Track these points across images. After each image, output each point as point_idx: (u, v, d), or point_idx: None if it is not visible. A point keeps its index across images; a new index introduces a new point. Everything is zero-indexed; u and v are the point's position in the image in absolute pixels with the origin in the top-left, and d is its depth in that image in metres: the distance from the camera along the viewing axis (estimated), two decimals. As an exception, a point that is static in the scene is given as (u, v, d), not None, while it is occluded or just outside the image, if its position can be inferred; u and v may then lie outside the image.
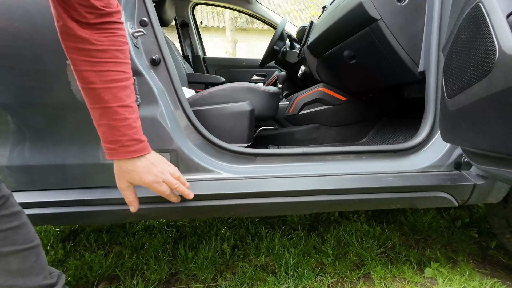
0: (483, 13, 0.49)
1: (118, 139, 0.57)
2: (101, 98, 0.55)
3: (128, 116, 0.57)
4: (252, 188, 0.76)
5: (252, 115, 1.02)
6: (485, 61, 0.46)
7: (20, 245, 0.50)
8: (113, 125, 0.56)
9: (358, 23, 0.99)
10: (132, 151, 0.58)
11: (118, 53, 0.56)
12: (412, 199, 0.79)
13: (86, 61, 0.53)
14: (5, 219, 0.49)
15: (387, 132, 1.44)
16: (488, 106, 0.45)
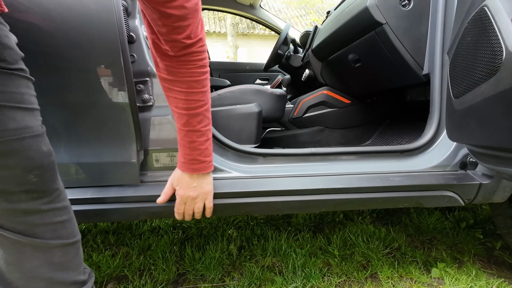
0: (489, 16, 0.52)
1: (185, 156, 0.68)
2: (178, 120, 0.66)
3: (195, 140, 0.66)
4: (262, 186, 0.78)
5: (260, 117, 1.04)
6: (492, 61, 0.48)
7: (65, 239, 0.52)
8: (183, 144, 0.67)
9: (364, 27, 1.02)
10: (192, 169, 0.69)
11: (195, 84, 0.62)
12: (419, 198, 0.81)
13: (167, 88, 0.64)
14: (57, 212, 0.51)
15: (391, 135, 1.46)
16: (496, 103, 0.47)
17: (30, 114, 0.48)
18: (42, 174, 0.48)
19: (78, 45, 0.67)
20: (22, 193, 0.46)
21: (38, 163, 0.48)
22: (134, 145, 0.74)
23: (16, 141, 0.45)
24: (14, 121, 0.44)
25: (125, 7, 0.75)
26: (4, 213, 0.46)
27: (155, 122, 0.79)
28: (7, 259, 0.49)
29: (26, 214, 0.47)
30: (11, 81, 0.45)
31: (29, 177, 0.46)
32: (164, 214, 0.77)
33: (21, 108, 0.46)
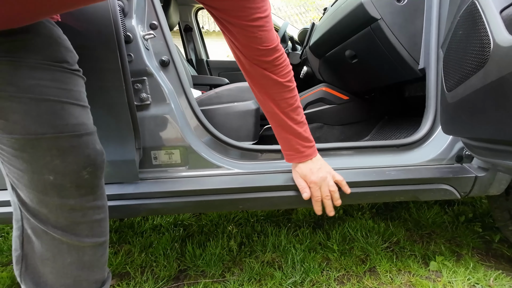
0: (478, 9, 0.52)
1: (294, 148, 0.73)
2: (280, 120, 0.70)
3: (299, 130, 0.72)
4: (260, 182, 0.79)
5: (258, 114, 1.05)
6: (481, 54, 0.48)
7: (98, 238, 0.54)
8: (289, 138, 0.72)
9: (359, 23, 1.03)
10: (305, 156, 0.74)
11: (289, 83, 0.68)
12: (415, 191, 0.81)
13: (265, 93, 0.69)
14: (96, 211, 0.53)
15: (389, 130, 1.46)
16: (484, 95, 0.47)
17: (85, 112, 0.51)
18: (94, 171, 0.51)
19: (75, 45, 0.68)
20: (73, 189, 0.49)
21: (92, 160, 0.50)
22: (133, 143, 0.76)
23: (75, 137, 0.47)
24: (73, 117, 0.47)
25: (122, 7, 0.77)
26: (54, 207, 0.48)
27: (153, 121, 0.80)
28: (44, 254, 0.51)
29: (72, 211, 0.50)
30: (71, 79, 0.49)
31: (82, 174, 0.49)
32: (164, 210, 0.78)
33: (79, 105, 0.49)
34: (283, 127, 0.71)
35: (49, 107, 0.45)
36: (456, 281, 0.92)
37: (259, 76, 0.66)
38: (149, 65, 0.80)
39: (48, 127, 0.45)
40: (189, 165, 0.82)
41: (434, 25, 0.91)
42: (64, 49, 0.50)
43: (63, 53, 0.49)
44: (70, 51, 0.52)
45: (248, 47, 0.62)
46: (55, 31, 0.50)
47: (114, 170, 0.77)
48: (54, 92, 0.45)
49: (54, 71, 0.46)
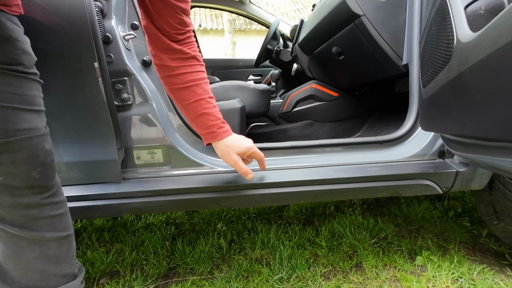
0: (448, 5, 0.52)
1: (213, 124, 0.71)
2: (195, 93, 0.69)
3: (215, 104, 0.72)
4: (242, 180, 0.80)
5: (243, 112, 1.06)
6: (447, 50, 0.48)
7: (60, 232, 0.55)
8: (208, 112, 0.70)
9: (343, 20, 1.02)
10: (227, 130, 0.72)
11: (199, 58, 0.71)
12: (397, 187, 0.82)
13: (182, 66, 0.68)
14: (54, 206, 0.54)
15: (380, 126, 1.46)
16: (448, 91, 0.48)
17: (38, 116, 0.52)
18: (44, 170, 0.52)
19: (53, 46, 0.69)
20: (25, 188, 0.50)
21: (41, 160, 0.51)
22: (114, 143, 0.76)
23: (26, 140, 0.49)
24: (25, 122, 0.49)
25: (100, 8, 0.77)
26: (6, 207, 0.50)
27: (135, 121, 0.81)
28: (5, 251, 0.52)
29: (27, 208, 0.51)
30: (26, 84, 0.50)
31: (32, 174, 0.50)
32: (146, 209, 0.79)
33: (32, 110, 0.50)
34: (202, 104, 0.69)
35: (1, 113, 0.46)
36: (440, 275, 0.92)
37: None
38: (130, 65, 0.80)
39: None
40: (171, 164, 0.83)
41: (416, 20, 0.91)
42: (22, 51, 0.50)
43: (20, 56, 0.49)
44: (27, 53, 0.52)
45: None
46: (14, 32, 0.50)
47: (96, 170, 0.78)
48: (8, 98, 0.47)
49: (10, 76, 0.47)
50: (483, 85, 0.38)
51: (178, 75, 0.68)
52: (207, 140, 0.72)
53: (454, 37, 0.46)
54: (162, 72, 0.70)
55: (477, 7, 0.45)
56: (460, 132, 0.48)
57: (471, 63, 0.39)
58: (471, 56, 0.39)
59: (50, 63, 0.70)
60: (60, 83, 0.72)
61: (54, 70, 0.71)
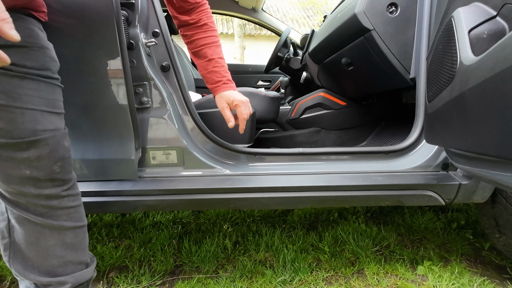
0: (453, 27, 0.56)
1: (220, 79, 0.83)
2: (207, 54, 0.82)
3: (224, 64, 0.84)
4: (250, 183, 0.83)
5: (254, 118, 1.10)
6: (451, 70, 0.52)
7: (77, 222, 0.61)
8: (215, 71, 0.83)
9: (353, 33, 1.06)
10: (231, 86, 0.84)
11: (211, 24, 0.83)
12: (400, 196, 0.85)
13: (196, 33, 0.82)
14: (71, 198, 0.60)
15: (386, 136, 1.49)
16: (451, 108, 0.51)
17: (60, 118, 0.59)
18: (64, 165, 0.58)
19: (82, 51, 0.74)
20: (47, 181, 0.56)
21: (61, 155, 0.58)
22: (132, 143, 0.81)
23: (50, 138, 0.55)
24: (50, 123, 0.55)
25: (126, 16, 0.82)
26: (31, 197, 0.56)
27: (152, 123, 0.86)
28: (28, 239, 0.58)
29: (48, 199, 0.57)
30: (52, 89, 0.57)
31: (54, 168, 0.56)
32: (159, 207, 0.83)
33: (55, 113, 0.57)
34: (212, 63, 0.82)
35: (32, 115, 0.52)
36: (440, 285, 0.94)
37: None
38: (150, 70, 0.85)
39: (29, 133, 0.52)
40: (184, 165, 0.87)
41: (424, 36, 0.94)
42: (50, 58, 0.56)
43: (48, 63, 0.56)
44: (54, 60, 0.58)
45: None
46: (44, 40, 0.56)
47: (114, 168, 0.82)
48: (37, 102, 0.53)
49: (39, 81, 0.53)
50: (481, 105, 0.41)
51: (193, 40, 0.83)
52: (213, 92, 0.86)
53: (458, 59, 0.49)
54: (185, 39, 0.86)
55: (480, 31, 0.49)
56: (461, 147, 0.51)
57: (471, 84, 0.42)
58: (471, 78, 0.42)
59: (77, 67, 0.75)
60: (85, 85, 0.77)
61: (81, 73, 0.77)
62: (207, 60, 0.82)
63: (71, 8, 0.72)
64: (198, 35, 0.82)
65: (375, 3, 0.97)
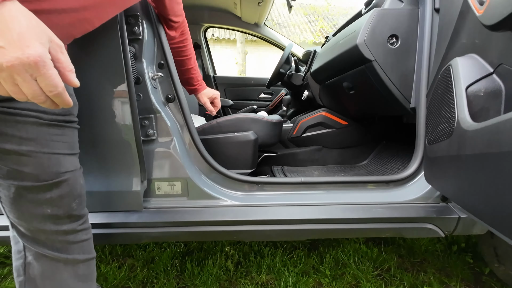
0: (451, 77, 0.58)
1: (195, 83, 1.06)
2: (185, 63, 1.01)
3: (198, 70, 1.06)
4: (253, 215, 0.85)
5: (256, 144, 1.11)
6: (449, 123, 0.53)
7: (88, 255, 0.64)
8: (193, 77, 1.04)
9: (354, 62, 1.08)
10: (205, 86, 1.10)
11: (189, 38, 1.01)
12: (400, 229, 0.86)
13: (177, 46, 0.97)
14: (84, 232, 0.63)
15: (386, 156, 1.50)
16: (449, 164, 0.52)
17: (76, 157, 0.62)
18: (80, 202, 0.62)
19: (91, 87, 0.77)
20: (66, 217, 0.59)
21: (79, 193, 0.61)
22: (138, 176, 0.83)
23: (70, 178, 0.58)
24: (70, 164, 0.59)
25: (133, 52, 0.85)
26: (49, 234, 0.58)
27: (157, 154, 0.88)
28: (43, 273, 0.61)
29: (66, 234, 0.60)
30: (72, 132, 0.60)
31: (72, 205, 0.60)
32: (164, 238, 0.85)
33: (74, 154, 0.61)
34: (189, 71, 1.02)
35: (56, 159, 0.55)
36: (440, 314, 0.95)
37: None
38: (155, 103, 0.87)
39: (53, 175, 0.55)
40: (189, 196, 0.89)
41: (424, 67, 0.96)
42: (74, 104, 0.60)
43: (72, 108, 0.59)
44: (75, 104, 0.61)
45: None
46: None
47: (120, 200, 0.84)
48: (61, 146, 0.56)
49: (64, 127, 0.57)
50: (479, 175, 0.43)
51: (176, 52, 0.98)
52: (191, 93, 1.08)
53: (456, 117, 0.51)
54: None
55: (477, 88, 0.51)
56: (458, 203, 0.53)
57: (469, 152, 0.43)
58: (468, 146, 0.44)
59: (86, 103, 0.77)
60: (93, 121, 0.79)
61: (89, 109, 0.79)
62: (186, 69, 1.02)
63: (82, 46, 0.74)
64: (180, 48, 0.98)
65: (376, 35, 0.99)
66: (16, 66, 0.34)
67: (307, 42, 8.91)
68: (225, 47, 9.30)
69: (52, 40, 0.37)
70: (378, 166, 1.48)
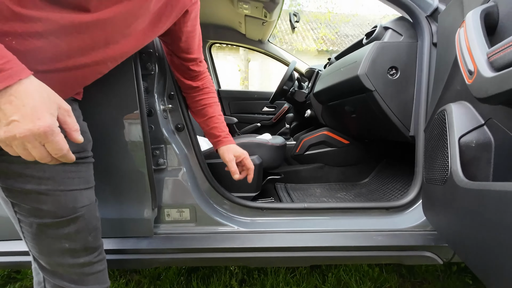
0: (446, 123, 0.62)
1: (220, 134, 0.90)
2: (208, 112, 0.90)
3: (223, 121, 0.93)
4: (258, 242, 0.89)
5: (261, 168, 1.16)
6: (443, 170, 0.57)
7: (103, 285, 0.67)
8: (216, 127, 0.90)
9: (355, 90, 1.13)
10: (231, 140, 0.92)
11: (212, 87, 0.92)
12: (400, 257, 0.89)
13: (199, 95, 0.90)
14: (100, 263, 0.66)
15: (388, 175, 1.54)
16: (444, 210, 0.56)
17: (92, 190, 0.65)
18: (96, 234, 0.65)
19: (105, 121, 0.81)
20: (82, 250, 0.62)
21: (95, 226, 0.64)
22: (149, 204, 0.87)
23: (86, 212, 0.61)
24: (87, 198, 0.62)
25: (145, 86, 0.89)
26: (66, 266, 0.62)
27: (167, 182, 0.92)
28: None
29: (82, 266, 0.63)
30: (88, 167, 0.63)
31: (88, 238, 0.62)
32: (174, 263, 0.89)
33: (89, 188, 0.63)
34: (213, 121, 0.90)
35: (72, 195, 0.58)
36: (439, 338, 0.98)
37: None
38: (166, 134, 0.92)
39: (70, 211, 0.58)
40: (197, 222, 0.93)
41: (423, 99, 1.00)
42: (87, 140, 0.63)
43: (86, 145, 0.62)
44: (89, 141, 0.65)
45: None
46: (85, 125, 0.63)
47: (132, 226, 0.88)
48: (77, 182, 0.59)
49: (79, 164, 0.60)
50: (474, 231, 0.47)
51: (197, 101, 0.90)
52: (215, 146, 0.92)
53: (449, 168, 0.54)
54: (188, 100, 0.93)
55: (469, 140, 0.55)
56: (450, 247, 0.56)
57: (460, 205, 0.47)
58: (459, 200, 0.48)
59: (101, 136, 0.82)
60: (107, 151, 0.84)
61: (104, 140, 0.84)
62: (209, 118, 0.90)
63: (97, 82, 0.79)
64: (200, 96, 0.90)
65: (376, 66, 1.03)
66: (27, 136, 0.38)
67: (310, 49, 8.99)
68: (228, 54, 9.40)
69: (60, 106, 0.42)
70: (379, 185, 1.51)
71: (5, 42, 0.40)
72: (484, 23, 0.50)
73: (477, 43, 0.45)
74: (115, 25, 0.53)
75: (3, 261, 0.89)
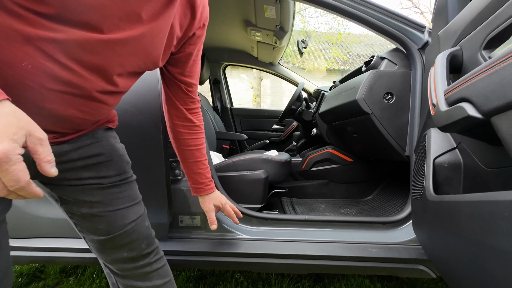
0: (426, 146, 0.71)
1: (202, 181, 0.86)
2: (194, 155, 0.83)
3: (207, 165, 0.87)
4: (262, 249, 0.98)
5: (267, 182, 1.26)
6: (421, 187, 0.65)
7: (165, 278, 0.75)
8: (200, 173, 0.85)
9: (355, 112, 1.23)
10: (213, 187, 0.89)
11: (202, 126, 0.84)
12: (394, 269, 0.95)
13: (188, 133, 0.81)
14: (158, 261, 0.75)
15: (390, 193, 1.60)
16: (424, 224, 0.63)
17: (140, 204, 0.71)
18: (149, 242, 0.73)
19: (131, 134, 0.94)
20: (140, 256, 0.71)
21: (146, 235, 0.72)
22: (166, 211, 0.99)
23: (136, 225, 0.70)
24: (134, 213, 0.69)
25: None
26: (129, 270, 0.71)
27: (182, 192, 1.04)
28: None
29: (143, 267, 0.72)
30: (131, 186, 0.71)
31: (142, 246, 0.71)
32: (185, 265, 0.98)
33: (136, 203, 0.71)
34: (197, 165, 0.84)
35: (121, 213, 0.67)
36: None
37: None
38: (183, 148, 1.04)
39: (120, 227, 0.66)
40: (207, 228, 1.03)
41: (416, 122, 1.09)
42: (125, 163, 0.70)
43: (125, 167, 0.71)
44: (128, 162, 0.72)
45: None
46: (119, 149, 0.71)
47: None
48: (123, 201, 0.68)
49: (123, 184, 0.68)
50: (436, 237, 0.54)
51: (184, 139, 0.82)
52: (195, 192, 0.88)
53: (424, 184, 0.63)
54: (173, 134, 0.83)
55: (442, 160, 0.64)
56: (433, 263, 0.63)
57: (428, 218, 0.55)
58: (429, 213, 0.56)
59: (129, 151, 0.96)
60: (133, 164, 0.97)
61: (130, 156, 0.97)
62: (195, 161, 0.84)
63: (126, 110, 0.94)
64: (191, 135, 0.82)
65: (373, 92, 1.14)
66: None
67: (321, 68, 9.20)
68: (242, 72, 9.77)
69: (31, 134, 0.37)
70: (382, 202, 1.57)
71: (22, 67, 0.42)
72: (449, 64, 0.60)
73: (440, 81, 0.56)
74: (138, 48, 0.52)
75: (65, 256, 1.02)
